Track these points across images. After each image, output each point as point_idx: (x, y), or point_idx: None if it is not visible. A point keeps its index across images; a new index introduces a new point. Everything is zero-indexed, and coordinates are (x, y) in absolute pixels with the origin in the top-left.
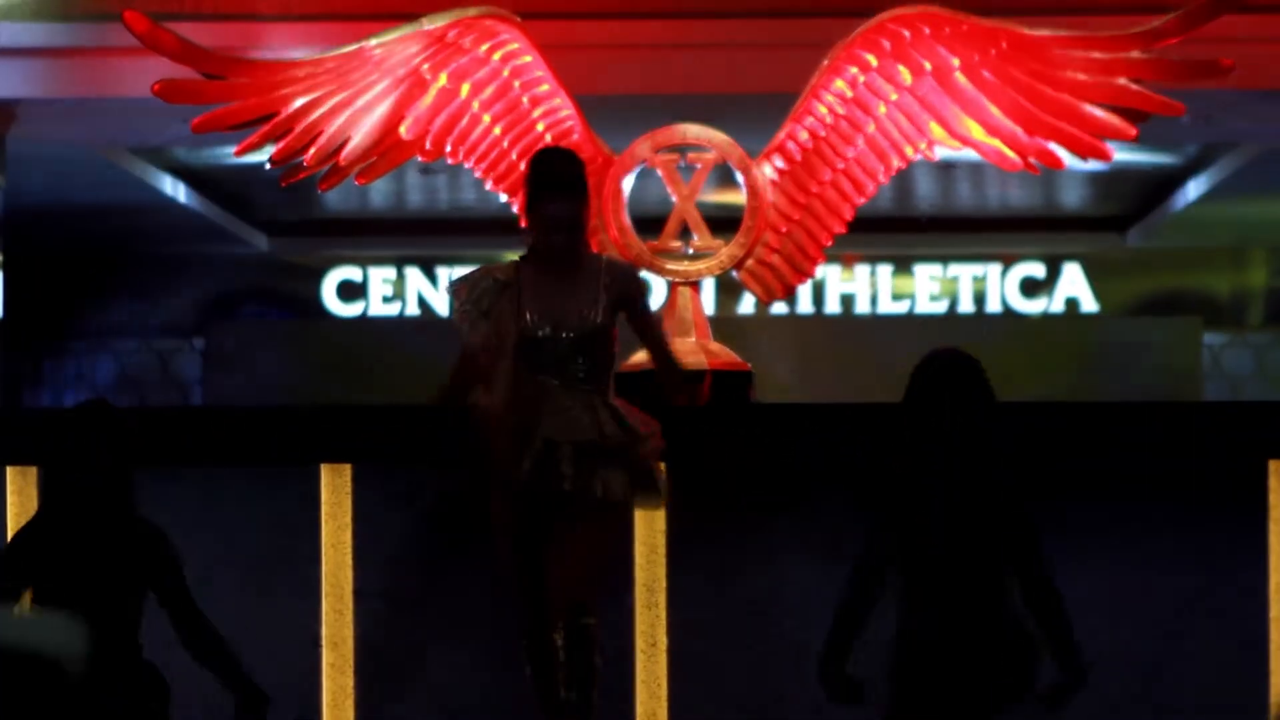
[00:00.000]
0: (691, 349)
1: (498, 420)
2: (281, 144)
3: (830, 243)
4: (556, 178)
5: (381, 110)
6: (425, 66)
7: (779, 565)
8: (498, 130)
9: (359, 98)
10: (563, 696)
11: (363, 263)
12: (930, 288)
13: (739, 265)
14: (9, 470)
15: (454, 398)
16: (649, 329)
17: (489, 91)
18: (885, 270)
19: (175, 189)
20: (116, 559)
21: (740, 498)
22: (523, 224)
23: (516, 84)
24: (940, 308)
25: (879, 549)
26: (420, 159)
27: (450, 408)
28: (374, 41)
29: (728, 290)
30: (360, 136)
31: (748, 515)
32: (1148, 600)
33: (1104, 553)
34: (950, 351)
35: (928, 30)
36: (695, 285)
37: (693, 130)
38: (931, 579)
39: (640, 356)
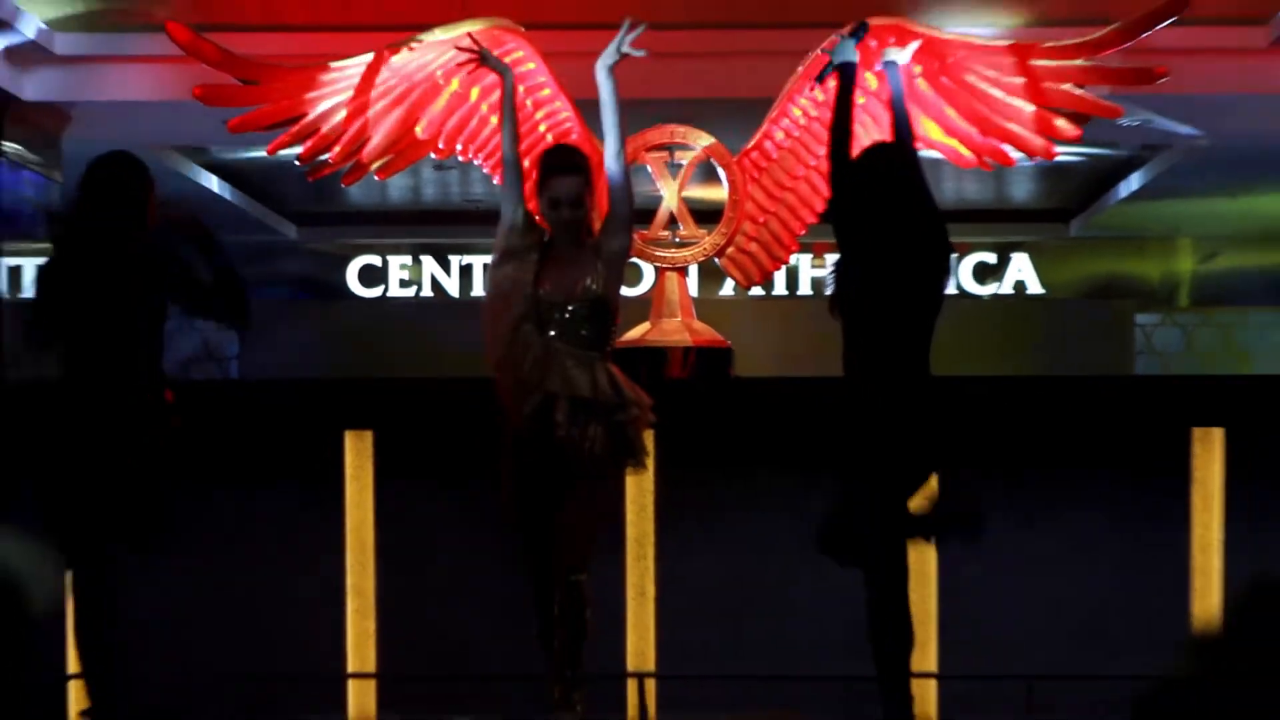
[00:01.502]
0: (677, 327)
1: (505, 375)
2: (309, 143)
3: (803, 232)
4: (564, 160)
5: (399, 112)
6: (439, 73)
7: (756, 522)
8: None
9: (379, 101)
10: (555, 648)
11: (382, 250)
12: None
13: (721, 253)
14: None
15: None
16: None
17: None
18: None
19: (214, 184)
20: (135, 278)
21: (721, 462)
22: (531, 208)
23: (521, 88)
24: None
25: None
26: (434, 156)
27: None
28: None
29: (711, 275)
30: (380, 136)
31: (728, 477)
32: (1093, 551)
33: (1050, 511)
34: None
35: (893, 41)
36: (682, 271)
37: (680, 131)
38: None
39: (634, 333)
